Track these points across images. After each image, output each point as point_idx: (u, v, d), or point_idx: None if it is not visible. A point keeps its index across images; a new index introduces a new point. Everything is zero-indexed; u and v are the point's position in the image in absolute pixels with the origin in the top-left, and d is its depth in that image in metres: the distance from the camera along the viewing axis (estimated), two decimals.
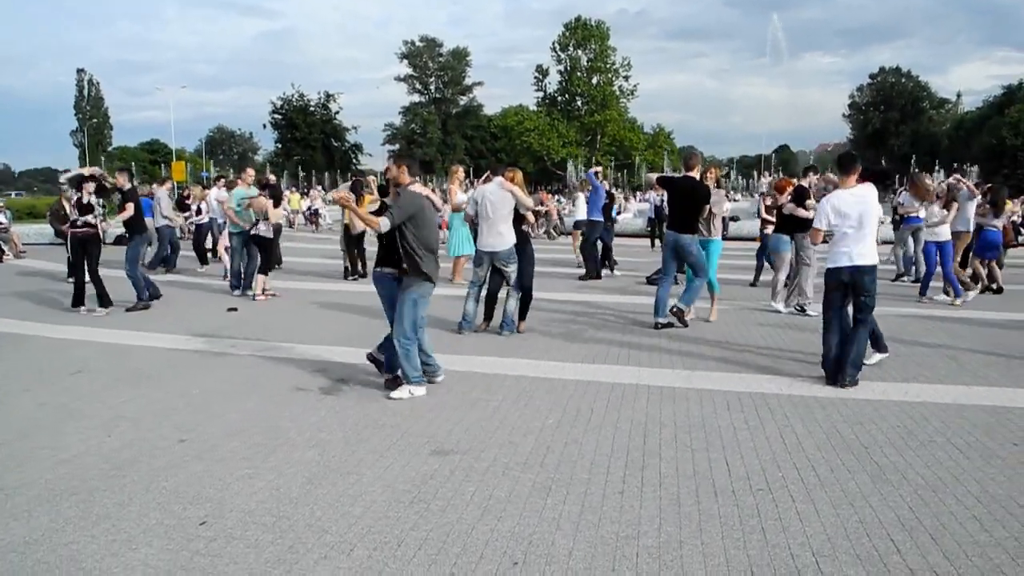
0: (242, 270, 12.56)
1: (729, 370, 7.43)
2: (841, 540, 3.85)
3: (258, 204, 11.85)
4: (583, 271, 14.68)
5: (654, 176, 11.93)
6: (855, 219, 6.77)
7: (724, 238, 11.25)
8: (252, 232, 11.95)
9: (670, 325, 9.36)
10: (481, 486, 4.58)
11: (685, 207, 9.38)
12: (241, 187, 13.04)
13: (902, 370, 7.34)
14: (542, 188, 48.14)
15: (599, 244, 15.10)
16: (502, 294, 9.18)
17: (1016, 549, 3.77)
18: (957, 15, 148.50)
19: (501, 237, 8.72)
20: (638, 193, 46.74)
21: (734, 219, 25.71)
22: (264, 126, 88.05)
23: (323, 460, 5.04)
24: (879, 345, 7.59)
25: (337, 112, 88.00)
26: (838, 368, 6.84)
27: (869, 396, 6.48)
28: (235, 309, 11.01)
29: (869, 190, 6.95)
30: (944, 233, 11.59)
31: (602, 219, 14.79)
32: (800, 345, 8.44)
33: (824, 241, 7.45)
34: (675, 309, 9.35)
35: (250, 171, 13.93)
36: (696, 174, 9.55)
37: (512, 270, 8.83)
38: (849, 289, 6.87)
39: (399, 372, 6.60)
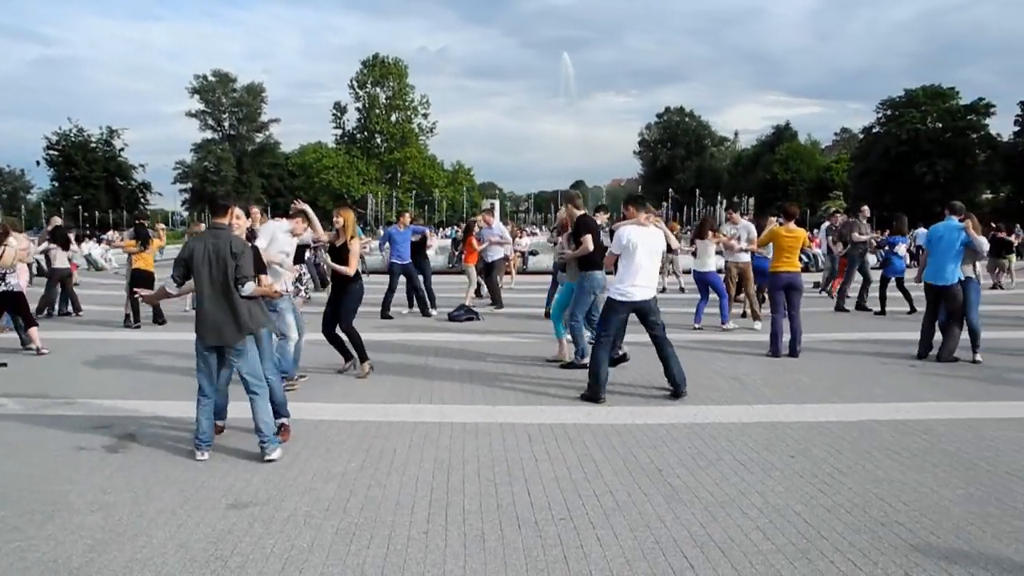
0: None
1: (531, 403, 7.57)
2: (639, 562, 3.98)
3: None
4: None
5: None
6: (655, 251, 7.59)
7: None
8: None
9: None
10: (281, 537, 4.38)
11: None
12: None
13: (693, 394, 7.73)
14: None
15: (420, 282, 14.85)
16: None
17: (794, 553, 4.05)
18: (730, 61, 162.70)
19: None
20: (440, 230, 47.34)
21: (533, 253, 26.48)
22: (37, 163, 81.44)
23: (108, 524, 4.63)
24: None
25: (122, 149, 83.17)
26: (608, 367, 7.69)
27: (662, 420, 6.81)
28: (4, 364, 10.03)
29: (656, 229, 7.76)
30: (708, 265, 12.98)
31: (405, 261, 14.58)
32: None
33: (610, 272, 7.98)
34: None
35: None
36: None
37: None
38: (640, 315, 7.58)
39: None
